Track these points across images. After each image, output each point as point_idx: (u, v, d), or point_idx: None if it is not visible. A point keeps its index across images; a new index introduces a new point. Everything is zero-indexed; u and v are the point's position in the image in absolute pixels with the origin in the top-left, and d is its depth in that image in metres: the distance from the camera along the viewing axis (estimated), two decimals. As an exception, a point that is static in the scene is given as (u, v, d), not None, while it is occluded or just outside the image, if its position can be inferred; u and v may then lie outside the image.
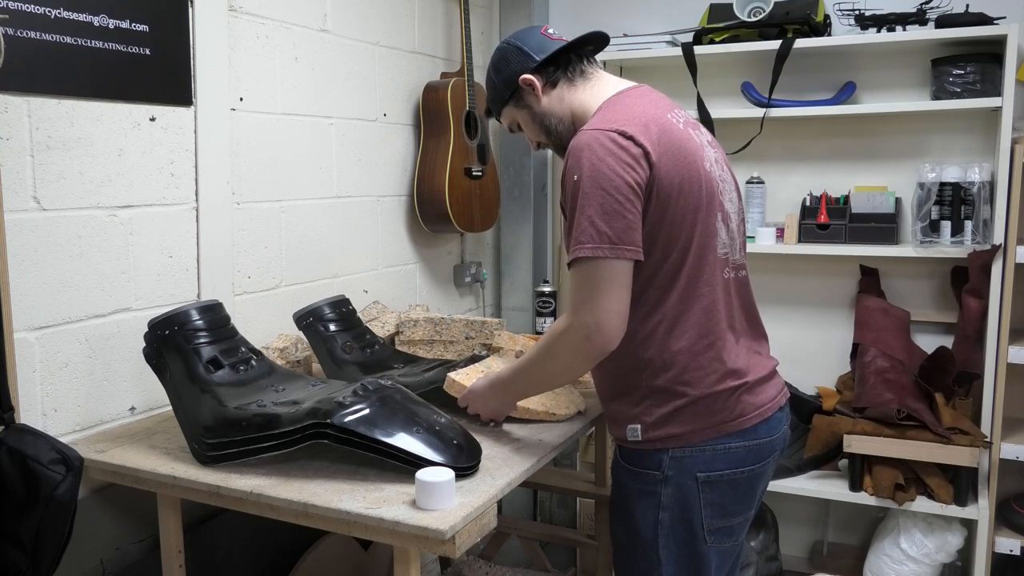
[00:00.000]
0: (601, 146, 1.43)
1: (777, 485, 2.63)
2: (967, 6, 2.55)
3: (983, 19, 2.47)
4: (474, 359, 1.84)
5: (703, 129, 1.63)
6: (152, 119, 1.80)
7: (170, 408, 1.59)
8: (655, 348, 1.51)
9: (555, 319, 2.02)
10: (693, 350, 1.50)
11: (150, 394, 1.81)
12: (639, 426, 1.54)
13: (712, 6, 2.84)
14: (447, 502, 1.30)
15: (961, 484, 2.45)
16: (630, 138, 1.43)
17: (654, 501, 1.54)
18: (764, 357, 1.64)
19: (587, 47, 1.66)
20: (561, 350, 1.48)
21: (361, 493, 1.37)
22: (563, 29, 3.12)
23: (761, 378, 1.58)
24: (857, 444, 2.49)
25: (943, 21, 2.53)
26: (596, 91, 1.61)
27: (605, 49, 1.73)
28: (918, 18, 2.59)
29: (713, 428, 1.51)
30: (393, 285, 2.64)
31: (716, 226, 1.52)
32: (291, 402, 1.49)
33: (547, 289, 2.98)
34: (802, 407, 2.79)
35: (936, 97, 2.60)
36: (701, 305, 1.50)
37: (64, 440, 1.48)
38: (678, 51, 2.78)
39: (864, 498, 2.55)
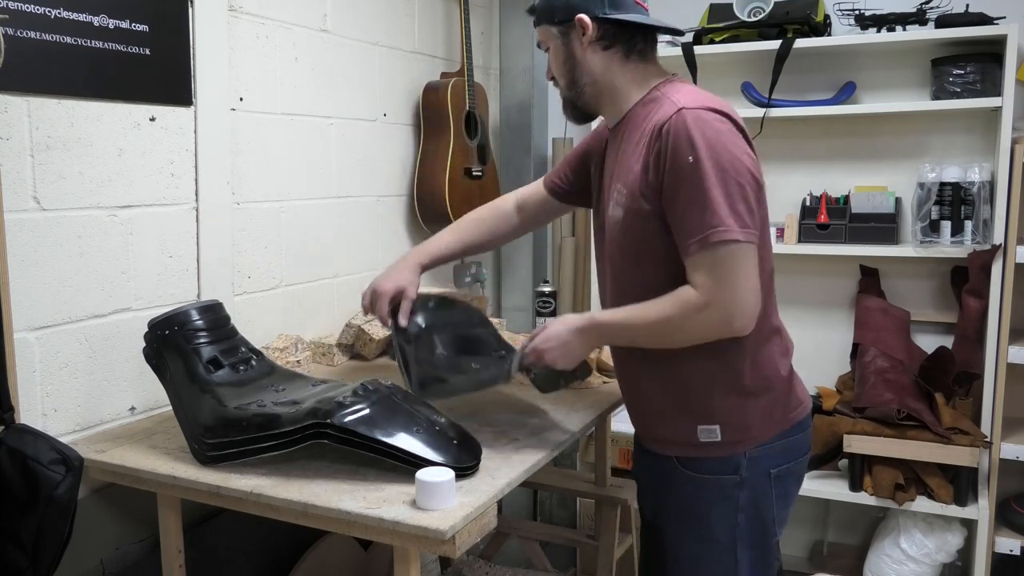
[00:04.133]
0: (714, 128, 1.37)
1: (777, 485, 2.63)
2: (967, 6, 2.55)
3: (983, 19, 2.47)
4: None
5: None
6: (152, 119, 1.80)
7: (170, 408, 1.59)
8: (742, 343, 1.46)
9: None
10: (770, 344, 1.52)
11: (150, 394, 1.81)
12: (717, 427, 1.49)
13: (712, 6, 2.84)
14: (447, 502, 1.30)
15: (961, 484, 2.45)
16: (738, 125, 1.42)
17: (731, 505, 1.51)
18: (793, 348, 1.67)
19: (653, 33, 1.55)
20: (692, 326, 1.40)
21: (361, 493, 1.37)
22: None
23: (793, 368, 1.62)
24: (857, 444, 2.49)
25: (943, 21, 2.53)
26: (646, 79, 1.53)
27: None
28: (918, 18, 2.60)
29: (781, 422, 1.53)
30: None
31: (768, 221, 1.52)
32: (291, 402, 1.49)
33: (547, 289, 2.98)
34: (802, 407, 2.79)
35: (936, 97, 2.60)
36: (771, 299, 1.52)
37: (64, 440, 1.48)
38: (678, 51, 2.78)
39: (864, 498, 2.55)
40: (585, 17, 1.49)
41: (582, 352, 1.56)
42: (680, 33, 1.60)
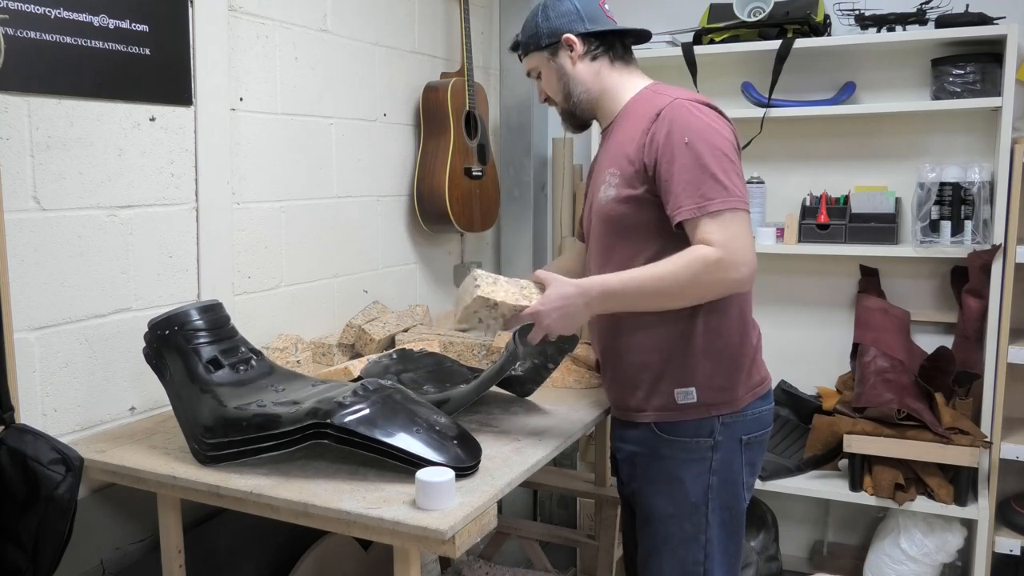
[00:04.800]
0: (704, 115, 1.55)
1: (777, 485, 2.64)
2: (967, 6, 2.55)
3: (983, 19, 2.47)
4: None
5: None
6: (152, 119, 1.80)
7: (170, 408, 1.59)
8: (720, 313, 1.61)
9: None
10: (741, 318, 1.65)
11: (150, 394, 1.81)
12: (693, 389, 1.62)
13: (712, 6, 2.84)
14: (447, 502, 1.30)
15: (961, 484, 2.45)
16: (721, 112, 1.59)
17: (704, 467, 1.64)
18: None
19: (628, 37, 1.74)
20: (708, 279, 1.49)
21: (361, 493, 1.37)
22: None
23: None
24: (857, 444, 2.49)
25: (943, 21, 2.53)
26: (633, 80, 1.71)
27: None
28: (918, 18, 2.59)
29: (751, 391, 1.66)
30: (393, 285, 2.64)
31: None
32: (291, 402, 1.49)
33: None
34: (802, 407, 2.79)
35: (936, 97, 2.60)
36: None
37: (64, 440, 1.48)
38: (678, 51, 2.78)
39: (864, 498, 2.55)
40: (571, 35, 1.68)
41: (582, 317, 1.58)
42: (648, 35, 1.76)
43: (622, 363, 1.70)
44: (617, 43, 1.71)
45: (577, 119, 1.77)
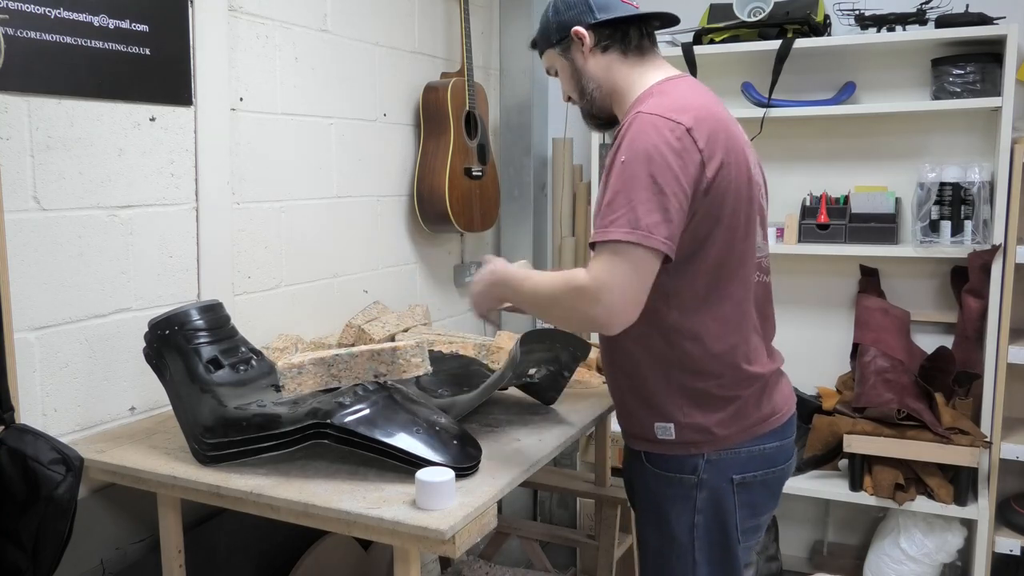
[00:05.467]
0: (659, 134, 1.37)
1: (777, 485, 2.64)
2: (967, 6, 2.55)
3: (983, 19, 2.47)
4: None
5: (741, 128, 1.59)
6: (152, 119, 1.80)
7: (170, 408, 1.59)
8: (692, 346, 1.47)
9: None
10: (728, 350, 1.49)
11: (150, 394, 1.81)
12: (671, 425, 1.51)
13: (712, 6, 2.84)
14: (447, 502, 1.30)
15: (961, 484, 2.45)
16: (687, 131, 1.38)
17: (688, 505, 1.52)
18: (778, 356, 1.64)
19: (653, 22, 1.59)
20: (566, 301, 1.41)
21: (361, 493, 1.37)
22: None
23: (779, 376, 1.60)
24: (857, 444, 2.49)
25: (943, 21, 2.53)
26: (646, 72, 1.56)
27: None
28: (918, 18, 2.59)
29: (748, 429, 1.51)
30: (393, 285, 2.64)
31: (755, 229, 1.51)
32: (291, 402, 1.49)
33: None
34: (802, 407, 2.77)
35: (936, 97, 2.61)
36: (737, 306, 1.49)
37: (64, 440, 1.48)
38: (678, 51, 2.78)
39: (864, 498, 2.55)
40: (579, 28, 1.55)
41: (489, 302, 1.62)
42: (675, 19, 1.61)
43: (613, 383, 1.64)
44: (632, 32, 1.55)
45: (596, 118, 1.64)
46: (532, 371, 1.78)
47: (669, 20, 1.61)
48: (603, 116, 1.63)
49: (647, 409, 1.54)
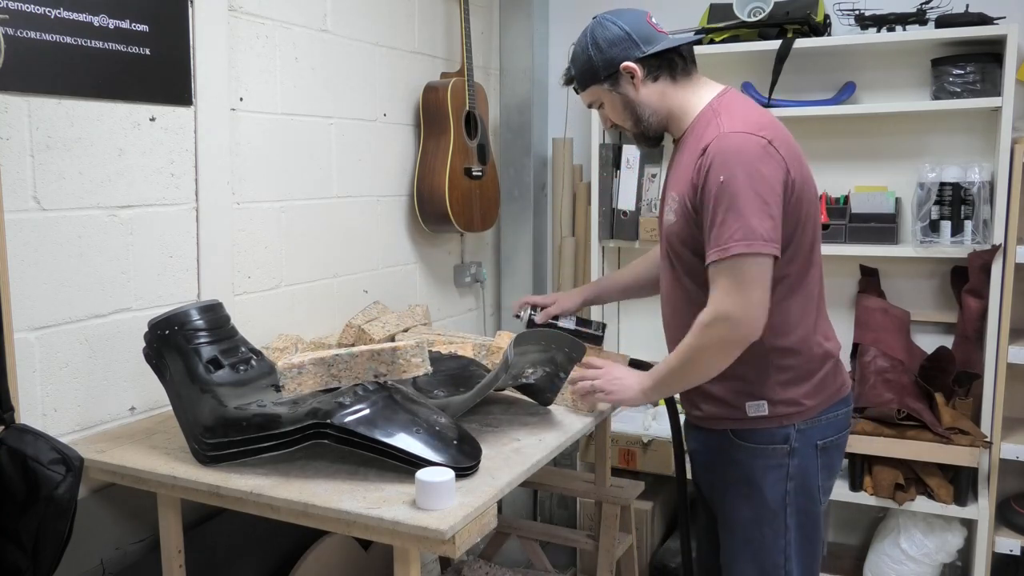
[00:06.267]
0: (751, 150, 1.51)
1: (777, 485, 2.63)
2: (967, 6, 2.55)
3: (983, 19, 2.47)
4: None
5: None
6: (152, 119, 1.80)
7: (170, 408, 1.59)
8: (782, 329, 1.61)
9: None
10: (811, 331, 1.65)
11: (150, 394, 1.81)
12: (764, 402, 1.64)
13: (712, 6, 2.84)
14: (447, 502, 1.30)
15: (961, 484, 2.45)
16: (772, 144, 1.53)
17: (782, 473, 1.65)
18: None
19: (684, 46, 1.70)
20: (707, 342, 1.55)
21: (361, 493, 1.37)
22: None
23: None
24: (857, 444, 2.49)
25: (943, 21, 2.53)
26: (699, 92, 1.68)
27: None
28: (918, 18, 2.59)
29: (828, 399, 1.68)
30: (393, 285, 2.64)
31: (819, 222, 1.67)
32: (291, 402, 1.49)
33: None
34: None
35: (936, 97, 2.60)
36: (815, 294, 1.66)
37: (64, 440, 1.48)
38: (678, 51, 2.78)
39: (864, 498, 2.55)
40: (629, 63, 1.64)
41: (638, 396, 1.72)
42: (701, 37, 1.73)
43: None
44: (676, 57, 1.67)
45: (650, 139, 1.75)
46: (528, 372, 1.78)
47: (697, 42, 1.75)
48: (657, 136, 1.75)
49: (737, 392, 1.65)
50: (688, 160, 1.60)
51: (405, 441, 1.41)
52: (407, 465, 1.39)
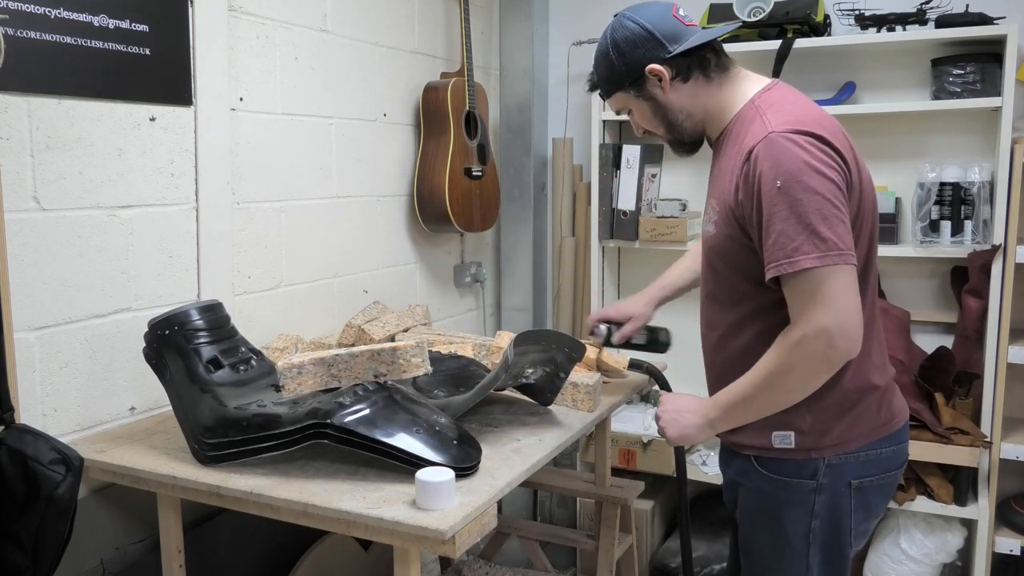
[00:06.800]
0: (802, 149, 1.34)
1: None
2: (967, 6, 2.55)
3: (983, 19, 2.47)
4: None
5: None
6: (152, 119, 1.80)
7: (170, 408, 1.59)
8: None
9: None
10: (859, 355, 1.42)
11: (150, 394, 1.81)
12: (792, 433, 1.47)
13: (712, 6, 2.84)
14: (447, 502, 1.30)
15: (961, 484, 2.45)
16: (825, 141, 1.36)
17: (806, 510, 1.49)
18: (891, 368, 1.60)
19: (720, 38, 1.54)
20: (799, 361, 1.37)
21: (361, 493, 1.37)
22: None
23: (894, 386, 1.56)
24: (857, 444, 2.49)
25: (943, 21, 2.53)
26: (739, 88, 1.52)
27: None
28: (918, 18, 2.59)
29: (867, 434, 1.48)
30: (393, 285, 2.64)
31: (876, 235, 1.51)
32: (291, 402, 1.49)
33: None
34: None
35: (936, 97, 2.60)
36: (867, 310, 1.43)
37: (64, 440, 1.48)
38: (678, 51, 2.78)
39: (864, 498, 2.54)
40: (655, 65, 1.49)
41: (703, 431, 1.54)
42: (738, 23, 1.57)
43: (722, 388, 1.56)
44: (708, 53, 1.50)
45: (687, 144, 1.59)
46: (528, 372, 1.78)
47: (733, 29, 1.60)
48: (695, 141, 1.59)
49: (764, 422, 1.48)
50: (730, 164, 1.45)
51: (405, 441, 1.41)
52: (407, 465, 1.39)
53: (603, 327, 1.98)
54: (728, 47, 2.72)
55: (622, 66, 1.52)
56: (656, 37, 1.48)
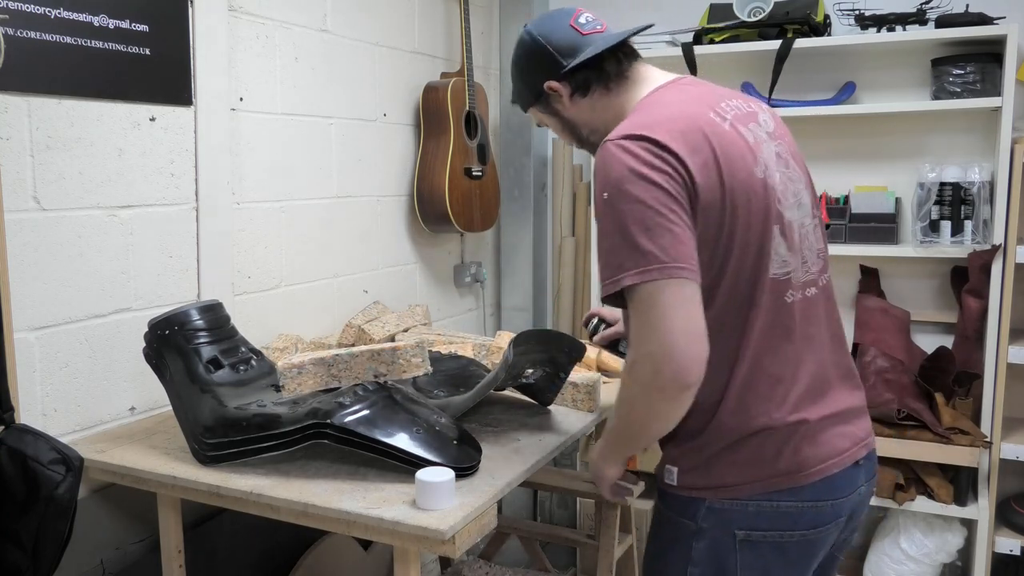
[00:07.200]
0: (630, 155, 1.23)
1: (777, 485, 2.63)
2: (967, 6, 2.55)
3: (983, 19, 2.47)
4: None
5: (763, 119, 1.42)
6: (152, 119, 1.80)
7: (170, 408, 1.59)
8: (705, 385, 1.26)
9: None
10: (737, 388, 1.30)
11: (150, 394, 1.81)
12: (676, 469, 1.37)
13: (712, 6, 2.84)
14: (447, 502, 1.30)
15: (961, 484, 2.45)
16: (659, 144, 1.23)
17: (683, 554, 1.36)
18: (839, 393, 1.39)
19: (628, 41, 1.44)
20: (634, 389, 1.27)
21: (361, 493, 1.37)
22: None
23: (827, 421, 1.34)
24: (857, 444, 2.49)
25: (943, 21, 2.53)
26: (633, 92, 1.42)
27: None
28: (918, 18, 2.59)
29: (759, 482, 1.31)
30: (393, 285, 2.64)
31: (771, 244, 1.30)
32: (291, 402, 1.49)
33: None
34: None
35: (936, 97, 2.60)
36: (751, 335, 1.30)
37: (64, 440, 1.48)
38: (678, 51, 2.78)
39: (864, 498, 2.54)
40: (552, 82, 1.44)
41: (612, 473, 1.48)
42: (645, 28, 1.48)
43: None
44: (607, 63, 1.41)
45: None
46: (529, 372, 1.78)
47: (641, 32, 1.46)
48: None
49: (663, 447, 1.43)
50: None
51: (405, 441, 1.41)
52: (407, 465, 1.39)
53: (594, 321, 2.01)
54: (728, 47, 2.75)
55: (523, 84, 1.49)
56: (550, 52, 1.42)
